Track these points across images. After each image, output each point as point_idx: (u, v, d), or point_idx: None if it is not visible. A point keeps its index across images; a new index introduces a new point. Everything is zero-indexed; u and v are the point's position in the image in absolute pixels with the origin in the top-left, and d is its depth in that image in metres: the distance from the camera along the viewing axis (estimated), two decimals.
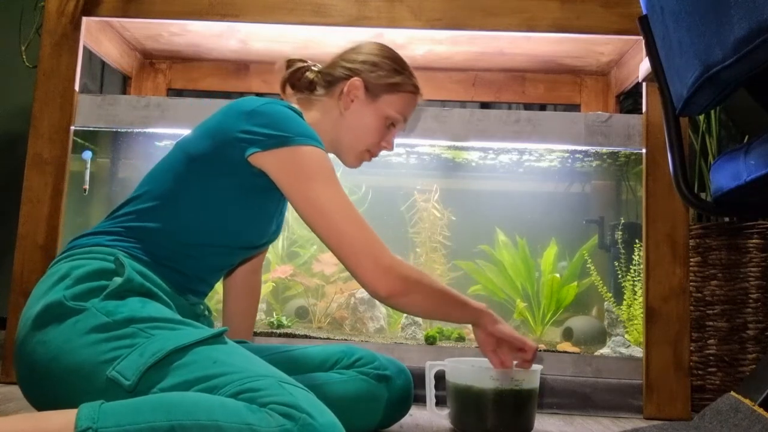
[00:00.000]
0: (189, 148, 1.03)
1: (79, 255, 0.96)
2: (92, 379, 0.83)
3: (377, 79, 1.12)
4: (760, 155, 0.94)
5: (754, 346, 1.57)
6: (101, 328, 0.86)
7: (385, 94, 1.13)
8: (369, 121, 1.13)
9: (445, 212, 1.95)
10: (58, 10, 1.61)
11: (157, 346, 0.83)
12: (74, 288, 0.90)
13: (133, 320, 0.86)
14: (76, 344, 0.86)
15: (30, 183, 1.56)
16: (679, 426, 1.13)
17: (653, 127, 1.55)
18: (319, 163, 0.98)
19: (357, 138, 1.14)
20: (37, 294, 0.94)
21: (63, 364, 0.86)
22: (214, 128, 1.02)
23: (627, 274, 1.76)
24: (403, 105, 1.15)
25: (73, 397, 0.83)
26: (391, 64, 1.14)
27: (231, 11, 1.62)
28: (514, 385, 1.15)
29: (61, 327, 0.88)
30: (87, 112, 1.61)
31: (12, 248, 1.54)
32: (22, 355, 0.90)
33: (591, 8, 1.60)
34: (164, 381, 0.81)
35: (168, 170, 1.03)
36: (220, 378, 0.80)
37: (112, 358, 0.83)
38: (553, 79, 2.01)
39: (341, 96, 1.13)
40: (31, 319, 0.90)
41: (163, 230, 1.00)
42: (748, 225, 1.60)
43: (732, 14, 0.80)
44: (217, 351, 0.85)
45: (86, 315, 0.87)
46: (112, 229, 1.01)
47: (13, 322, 1.52)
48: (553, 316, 1.86)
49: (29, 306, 0.94)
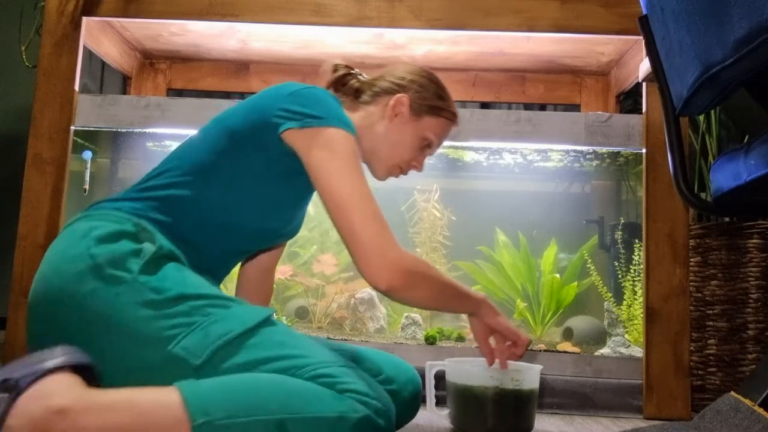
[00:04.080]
0: (228, 122, 1.05)
1: (96, 217, 0.97)
2: (147, 351, 0.86)
3: (422, 99, 1.14)
4: (760, 155, 0.94)
5: (754, 346, 1.57)
6: (151, 305, 0.88)
7: (427, 116, 1.15)
8: (408, 138, 1.15)
9: (445, 212, 1.95)
10: (58, 10, 1.61)
11: (224, 328, 0.86)
12: (99, 249, 0.91)
13: (183, 297, 0.89)
14: (126, 317, 0.87)
15: (30, 183, 1.56)
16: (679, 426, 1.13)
17: (653, 127, 1.55)
18: (348, 148, 0.99)
19: (393, 152, 1.15)
20: (57, 250, 0.94)
21: (113, 329, 0.87)
22: (255, 105, 1.04)
23: (627, 274, 1.76)
24: (441, 129, 1.17)
25: (123, 357, 0.87)
26: (436, 89, 1.17)
27: (231, 11, 1.63)
28: (514, 385, 1.15)
29: (103, 291, 0.88)
30: (87, 112, 1.61)
31: (12, 248, 1.54)
32: (64, 303, 0.90)
33: (591, 8, 1.60)
34: (232, 359, 0.85)
35: (203, 143, 1.04)
36: (292, 360, 0.86)
37: (171, 336, 0.86)
38: (553, 79, 2.01)
39: (385, 108, 1.14)
40: (65, 273, 0.90)
41: (190, 204, 1.01)
42: (748, 225, 1.60)
43: (732, 14, 0.80)
44: (278, 332, 0.90)
45: (128, 289, 0.88)
46: (135, 196, 1.01)
47: (13, 322, 1.52)
48: (553, 316, 1.86)
49: (50, 261, 0.93)
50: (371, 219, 0.95)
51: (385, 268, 0.94)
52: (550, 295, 1.85)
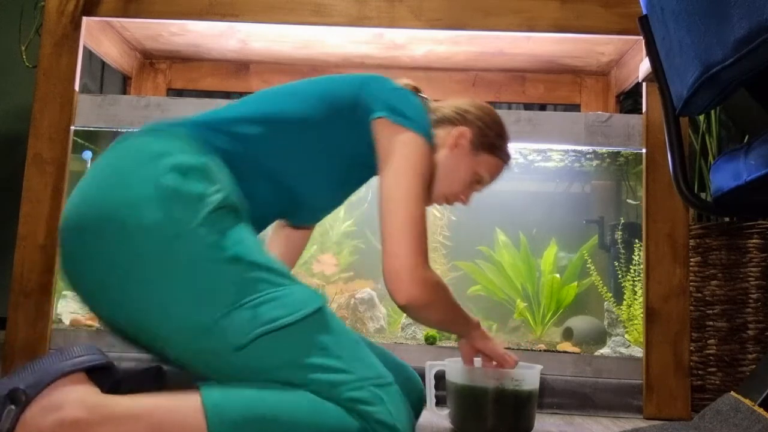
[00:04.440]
0: (327, 87, 1.05)
1: (166, 136, 0.92)
2: (192, 310, 0.81)
3: (483, 136, 1.15)
4: (760, 155, 0.94)
5: (754, 346, 1.57)
6: (207, 260, 0.82)
7: (484, 153, 1.16)
8: (462, 171, 1.15)
9: (445, 212, 1.95)
10: (58, 10, 1.61)
11: (273, 313, 0.82)
12: (169, 179, 0.84)
13: (239, 260, 0.84)
14: (180, 265, 0.81)
15: (30, 183, 1.56)
16: (679, 426, 1.13)
17: (653, 127, 1.55)
18: (424, 159, 1.00)
19: (445, 182, 1.16)
20: (117, 166, 0.87)
21: (161, 274, 0.81)
22: (359, 83, 1.05)
23: (627, 274, 1.76)
24: (495, 168, 1.18)
25: (163, 310, 0.81)
26: (498, 129, 1.17)
27: (231, 11, 1.63)
28: (514, 385, 1.15)
29: (163, 228, 0.81)
30: (87, 112, 1.61)
31: (12, 248, 1.54)
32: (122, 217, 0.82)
33: (591, 8, 1.60)
34: (272, 353, 0.82)
35: (292, 96, 1.04)
36: (330, 374, 0.84)
37: (221, 303, 0.81)
38: (553, 79, 2.01)
39: (447, 137, 1.14)
40: (122, 195, 0.83)
41: (255, 148, 0.99)
42: (748, 225, 1.60)
43: (732, 14, 0.80)
44: (325, 329, 0.87)
45: (188, 235, 0.82)
46: (204, 121, 0.99)
47: (13, 322, 1.52)
48: (553, 316, 1.86)
49: (105, 178, 0.86)
50: (412, 228, 0.95)
51: (410, 284, 0.93)
52: (550, 295, 1.85)
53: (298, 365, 0.83)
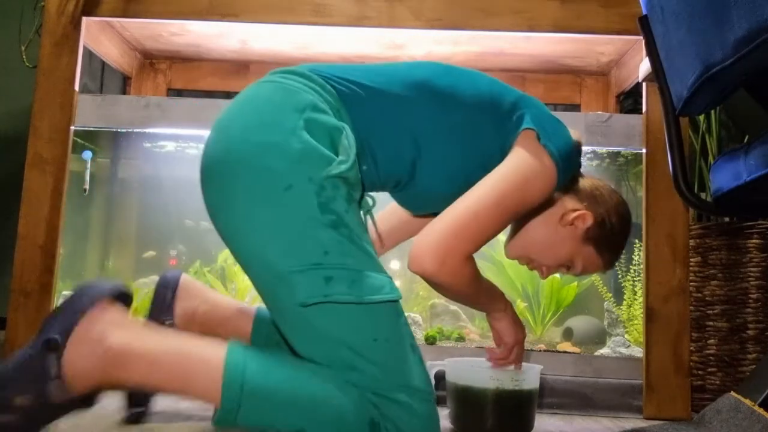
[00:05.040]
0: (491, 86, 1.04)
1: (313, 91, 0.95)
2: (279, 255, 0.86)
3: (600, 232, 1.11)
4: (760, 155, 0.94)
5: (754, 346, 1.57)
6: (305, 216, 0.86)
7: (592, 247, 1.11)
8: (561, 251, 1.12)
9: None
10: (58, 10, 1.61)
11: (343, 287, 0.84)
12: (301, 136, 0.88)
13: (336, 227, 0.87)
14: (283, 211, 0.86)
15: (30, 183, 1.56)
16: (679, 426, 1.13)
17: (653, 127, 1.55)
18: (539, 181, 0.97)
19: (540, 250, 1.13)
20: (260, 105, 0.92)
21: (267, 216, 0.87)
22: (521, 95, 1.04)
23: (627, 274, 1.76)
24: (591, 264, 1.14)
25: (260, 247, 0.87)
26: (619, 233, 1.13)
27: (231, 11, 1.63)
28: (514, 385, 1.15)
29: (278, 175, 0.87)
30: (87, 112, 1.61)
31: (12, 248, 1.54)
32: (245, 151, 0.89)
33: (591, 8, 1.60)
34: (328, 323, 0.85)
35: (446, 70, 1.04)
36: (369, 369, 0.85)
37: (301, 257, 0.85)
38: (553, 79, 2.01)
39: (569, 211, 1.10)
40: (255, 134, 0.89)
41: (406, 114, 0.99)
42: (748, 225, 1.60)
43: (732, 14, 0.80)
44: (384, 327, 0.88)
45: (299, 192, 0.86)
46: (357, 80, 0.99)
47: (13, 322, 1.52)
48: (553, 316, 1.86)
49: (246, 114, 0.92)
50: (469, 221, 0.92)
51: (440, 258, 0.91)
52: (550, 295, 1.85)
53: (341, 345, 0.86)
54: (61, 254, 1.57)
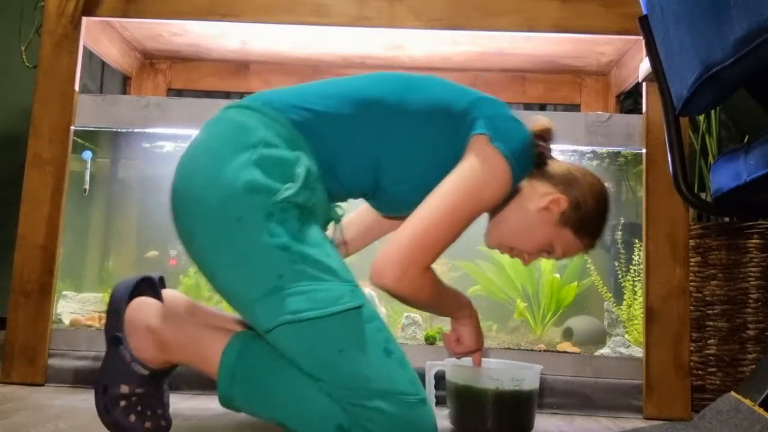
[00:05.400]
0: (429, 92, 1.05)
1: (272, 122, 0.98)
2: (240, 285, 0.92)
3: (576, 215, 1.10)
4: (760, 155, 0.94)
5: (754, 346, 1.57)
6: (257, 244, 0.90)
7: (569, 229, 1.11)
8: (538, 236, 1.11)
9: None
10: (58, 10, 1.61)
11: (298, 304, 0.88)
12: (254, 172, 0.92)
13: (287, 249, 0.90)
14: (238, 244, 0.91)
15: (30, 183, 1.56)
16: (679, 426, 1.13)
17: (653, 127, 1.55)
18: (493, 185, 1.00)
19: (517, 237, 1.13)
20: (217, 150, 0.96)
21: (226, 250, 0.93)
22: (477, 98, 1.06)
23: (627, 274, 1.76)
24: (571, 247, 1.13)
25: (226, 277, 0.94)
26: (596, 215, 1.12)
27: (231, 11, 1.63)
28: (514, 385, 1.15)
29: (232, 208, 0.91)
30: (87, 112, 1.61)
31: (12, 248, 1.54)
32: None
33: (591, 8, 1.60)
34: (292, 341, 0.90)
35: (394, 83, 1.05)
36: (339, 379, 0.89)
37: (260, 285, 0.90)
38: (553, 79, 2.01)
39: (543, 195, 1.10)
40: (211, 176, 0.94)
41: (354, 127, 1.02)
42: (748, 225, 1.60)
43: (732, 14, 0.80)
44: (349, 335, 0.90)
45: (249, 223, 0.91)
46: (309, 106, 1.02)
47: (13, 322, 1.52)
48: (553, 316, 1.86)
49: (205, 154, 0.97)
50: (425, 236, 0.95)
51: (401, 272, 0.94)
52: (550, 295, 1.85)
53: (310, 360, 0.90)
54: (61, 254, 1.57)
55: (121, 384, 1.01)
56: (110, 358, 1.02)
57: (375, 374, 0.89)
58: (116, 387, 1.00)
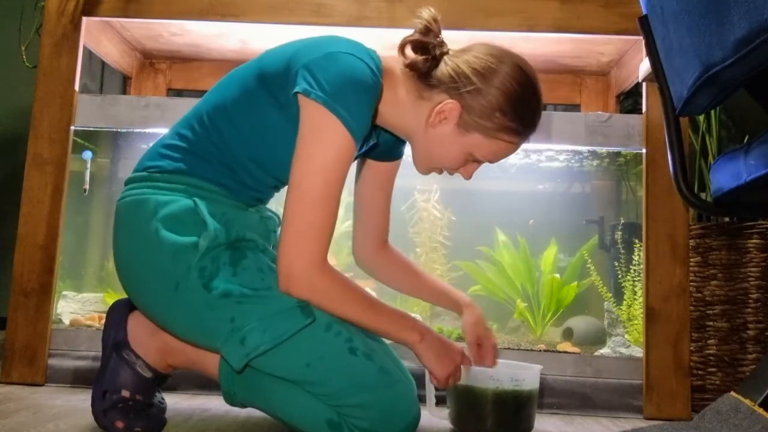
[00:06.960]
0: (261, 63, 1.03)
1: (161, 183, 1.01)
2: (203, 340, 0.98)
3: (475, 116, 0.98)
4: (760, 155, 0.94)
5: (754, 346, 1.57)
6: (200, 304, 0.94)
7: (476, 133, 0.99)
8: (453, 149, 1.01)
9: (445, 212, 1.95)
10: (58, 10, 1.61)
11: (257, 341, 0.91)
12: (164, 236, 0.96)
13: (228, 295, 0.93)
14: (183, 307, 0.96)
15: (30, 183, 1.56)
16: (679, 426, 1.13)
17: (653, 127, 1.55)
18: (337, 146, 0.91)
19: (433, 158, 1.04)
20: (127, 232, 1.01)
21: (176, 314, 0.98)
22: (291, 52, 0.98)
23: (627, 274, 1.76)
24: (494, 152, 1.01)
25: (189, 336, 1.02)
26: (503, 106, 0.97)
27: (231, 11, 1.62)
28: (514, 385, 1.15)
29: (167, 276, 0.96)
30: (87, 112, 1.61)
31: (12, 248, 1.54)
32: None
33: (591, 8, 1.60)
34: (266, 367, 0.95)
35: (238, 80, 1.05)
36: (317, 388, 0.95)
37: (218, 336, 0.93)
38: (553, 79, 2.00)
39: (431, 109, 0.99)
40: (136, 255, 0.99)
41: (229, 139, 1.03)
42: (748, 225, 1.60)
43: (732, 14, 0.80)
44: (311, 349, 0.94)
45: (185, 288, 0.94)
46: (182, 142, 1.04)
47: (13, 322, 1.52)
48: (553, 316, 1.86)
49: (125, 237, 1.02)
50: (317, 221, 0.91)
51: (299, 288, 0.93)
52: (550, 295, 1.85)
53: (287, 376, 0.96)
54: (61, 254, 1.57)
55: (122, 389, 1.04)
56: (112, 362, 1.06)
57: (344, 376, 0.94)
58: (118, 392, 1.04)
